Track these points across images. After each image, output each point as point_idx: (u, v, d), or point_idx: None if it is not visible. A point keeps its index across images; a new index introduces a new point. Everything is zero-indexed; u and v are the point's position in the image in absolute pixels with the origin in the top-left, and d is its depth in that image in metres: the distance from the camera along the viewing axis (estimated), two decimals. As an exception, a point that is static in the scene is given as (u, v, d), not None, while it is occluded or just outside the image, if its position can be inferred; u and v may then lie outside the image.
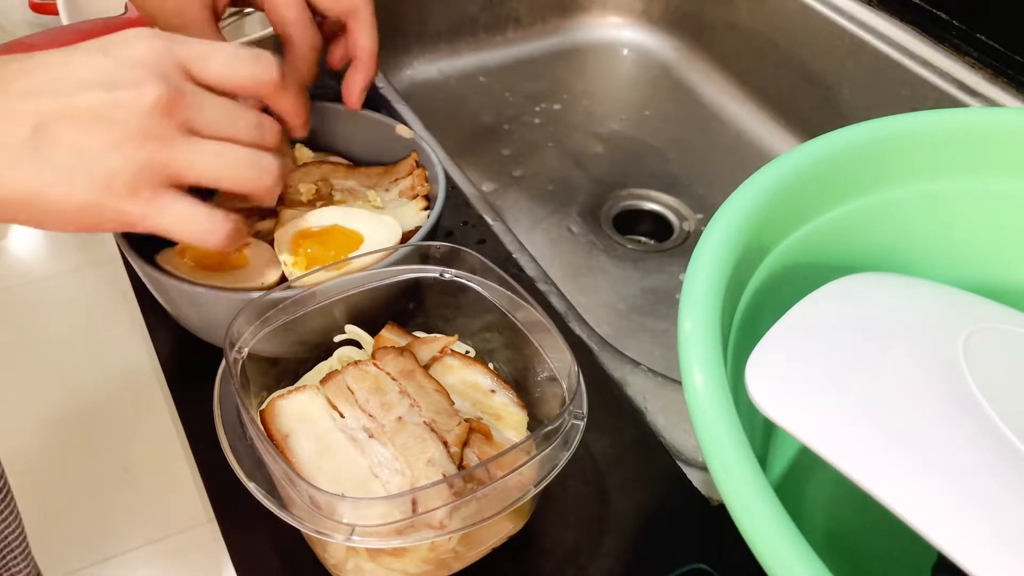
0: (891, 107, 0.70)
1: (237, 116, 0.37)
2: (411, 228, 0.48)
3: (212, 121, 0.36)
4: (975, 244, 0.41)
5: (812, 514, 0.40)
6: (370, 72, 0.50)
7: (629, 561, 0.41)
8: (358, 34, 0.49)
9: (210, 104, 0.36)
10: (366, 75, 0.50)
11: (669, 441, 0.46)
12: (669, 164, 0.81)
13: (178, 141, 0.35)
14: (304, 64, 0.47)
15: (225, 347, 0.37)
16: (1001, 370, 0.32)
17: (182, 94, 0.35)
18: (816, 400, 0.29)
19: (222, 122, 0.37)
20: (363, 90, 0.50)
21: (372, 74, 0.50)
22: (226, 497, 0.42)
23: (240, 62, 0.38)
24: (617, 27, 0.94)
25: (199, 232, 0.36)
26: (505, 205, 0.76)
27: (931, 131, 0.39)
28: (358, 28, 0.48)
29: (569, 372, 0.37)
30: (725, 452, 0.27)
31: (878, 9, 0.72)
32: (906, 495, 0.25)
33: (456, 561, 0.38)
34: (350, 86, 0.50)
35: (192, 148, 0.35)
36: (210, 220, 0.36)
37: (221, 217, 0.37)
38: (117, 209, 0.35)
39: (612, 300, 0.68)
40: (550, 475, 0.35)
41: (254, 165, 0.37)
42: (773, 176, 0.36)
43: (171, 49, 0.36)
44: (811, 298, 0.34)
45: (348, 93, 0.50)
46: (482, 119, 0.85)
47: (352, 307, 0.42)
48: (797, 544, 0.24)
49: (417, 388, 0.39)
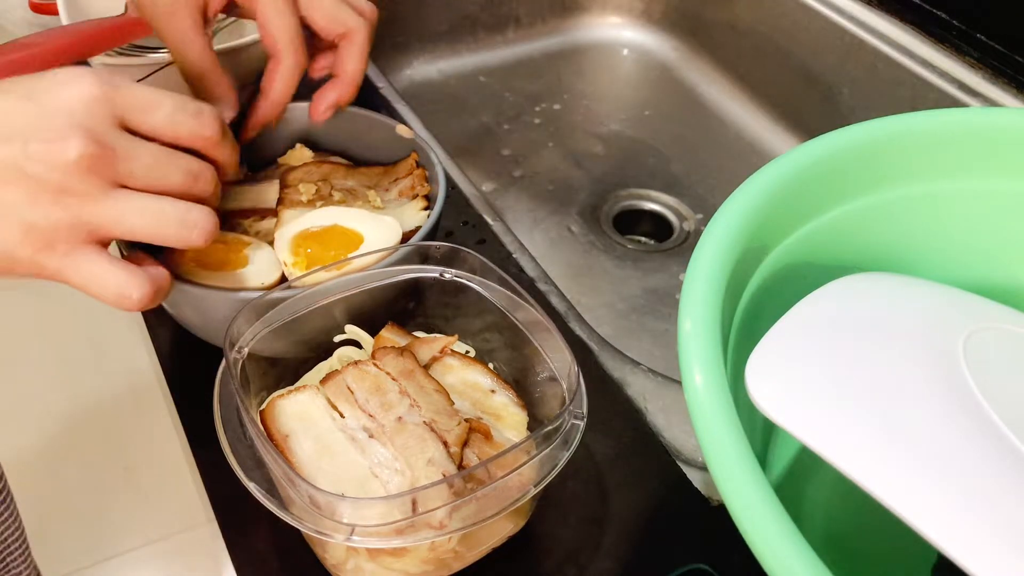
0: (891, 107, 0.70)
1: (169, 166, 0.36)
2: (411, 228, 0.48)
3: (142, 173, 0.35)
4: (975, 244, 0.41)
5: (812, 514, 0.40)
6: (347, 94, 0.49)
7: (629, 561, 0.41)
8: (347, 58, 0.47)
9: (141, 154, 0.35)
10: (342, 96, 0.49)
11: (669, 441, 0.46)
12: (669, 164, 0.81)
13: (101, 198, 0.33)
14: (285, 84, 0.46)
15: (225, 347, 0.37)
16: (1001, 370, 0.32)
17: (110, 149, 0.33)
18: (816, 400, 0.29)
19: (152, 174, 0.35)
20: (332, 108, 0.49)
21: (348, 98, 0.49)
22: (226, 497, 0.42)
23: (183, 117, 0.36)
24: (617, 27, 0.94)
25: (112, 294, 0.35)
26: (505, 205, 0.76)
27: (931, 131, 0.39)
28: (348, 52, 0.47)
29: (569, 372, 0.37)
30: (725, 452, 0.27)
31: (878, 9, 0.72)
32: (906, 495, 0.25)
33: (456, 561, 0.38)
34: (321, 99, 0.49)
35: (116, 205, 0.34)
36: (127, 282, 0.35)
37: (139, 279, 0.35)
38: (31, 261, 0.33)
39: (612, 300, 0.68)
40: (550, 475, 0.35)
41: (183, 222, 0.36)
42: (773, 176, 0.36)
43: (107, 97, 0.34)
44: (811, 298, 0.34)
45: (316, 104, 0.49)
46: (482, 119, 0.85)
47: (352, 307, 0.42)
48: (797, 544, 0.24)
49: (417, 388, 0.39)
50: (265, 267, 0.45)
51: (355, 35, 0.47)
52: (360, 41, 0.47)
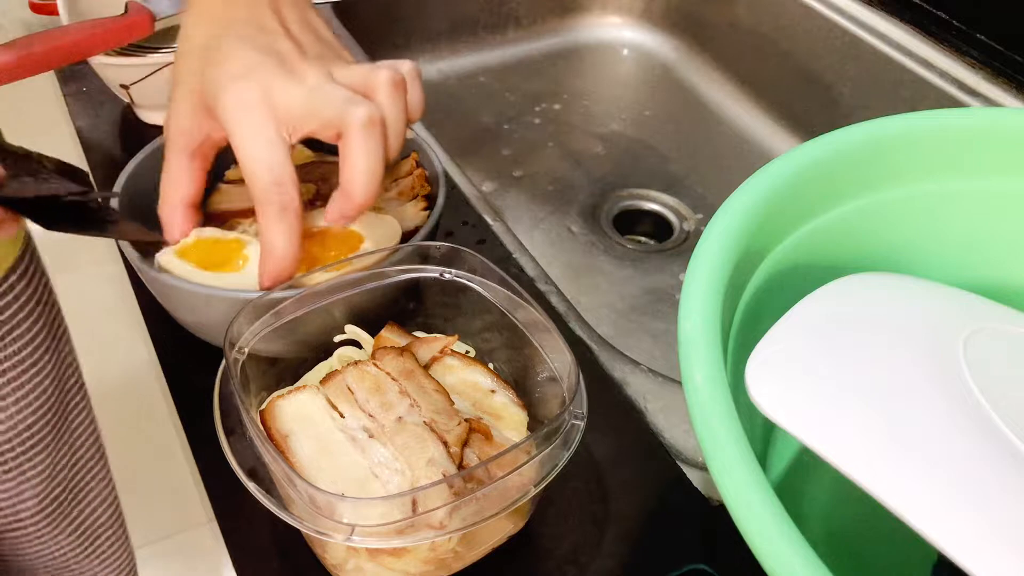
0: (891, 107, 0.70)
1: None
2: (411, 228, 0.48)
3: None
4: (975, 244, 0.41)
5: (812, 514, 0.40)
6: (347, 208, 0.40)
7: (629, 561, 0.41)
8: (343, 162, 0.39)
9: None
10: (342, 209, 0.40)
11: (669, 441, 0.46)
12: (669, 164, 0.81)
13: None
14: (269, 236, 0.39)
15: (225, 347, 0.37)
16: (1001, 370, 0.32)
17: None
18: (816, 400, 0.29)
19: None
20: (339, 219, 0.40)
21: (355, 211, 0.40)
22: (226, 497, 0.42)
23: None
24: (617, 27, 0.94)
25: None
26: (505, 205, 0.76)
27: (931, 131, 0.39)
28: (344, 155, 0.39)
29: (569, 372, 0.37)
30: (725, 452, 0.27)
31: (878, 9, 0.72)
32: (906, 495, 0.25)
33: (456, 561, 0.38)
34: (328, 210, 0.41)
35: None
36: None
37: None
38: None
39: (612, 300, 0.68)
40: (550, 475, 0.35)
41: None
42: (773, 176, 0.36)
43: None
44: (811, 298, 0.34)
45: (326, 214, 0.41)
46: (482, 119, 0.85)
47: (352, 307, 0.42)
48: (797, 544, 0.24)
49: (417, 388, 0.39)
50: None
51: (348, 133, 0.38)
52: (357, 141, 0.38)
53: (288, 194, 0.38)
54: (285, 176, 0.38)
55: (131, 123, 0.66)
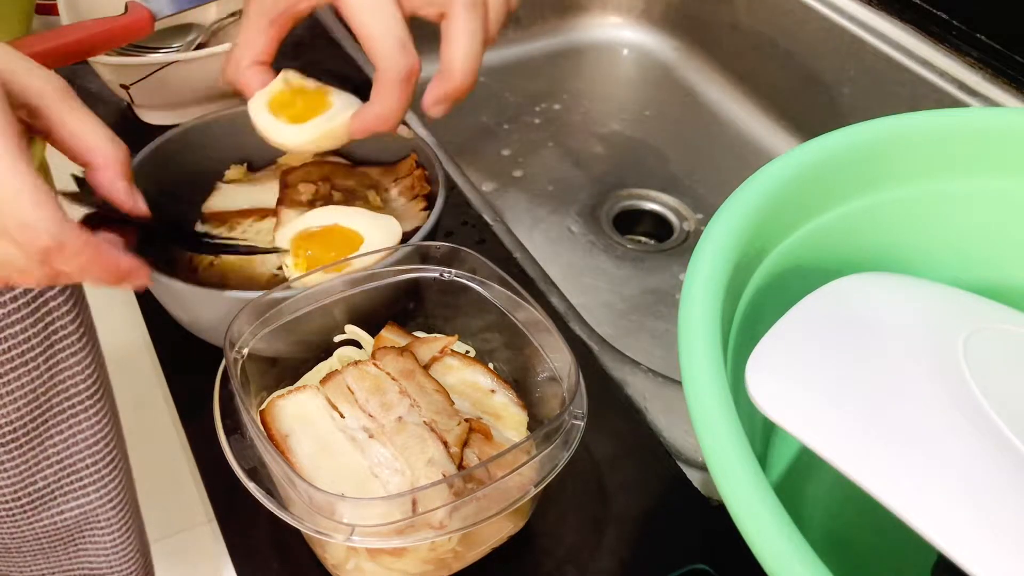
0: (891, 107, 0.70)
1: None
2: (411, 228, 0.48)
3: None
4: (975, 244, 0.41)
5: (812, 514, 0.40)
6: (452, 88, 0.40)
7: (629, 561, 0.41)
8: (445, 42, 0.40)
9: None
10: (447, 91, 0.40)
11: (669, 441, 0.46)
12: (669, 164, 0.81)
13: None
14: (387, 100, 0.40)
15: (225, 347, 0.37)
16: (1001, 370, 0.32)
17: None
18: (815, 400, 0.29)
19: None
20: (440, 104, 0.41)
21: (456, 92, 0.40)
22: (226, 497, 0.42)
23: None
24: (617, 27, 0.94)
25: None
26: (505, 205, 0.76)
27: (931, 131, 0.39)
28: (446, 34, 0.40)
29: (569, 372, 0.37)
30: (725, 452, 0.27)
31: (878, 9, 0.72)
32: (905, 495, 0.25)
33: (456, 561, 0.38)
34: (428, 93, 0.41)
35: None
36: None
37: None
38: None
39: (612, 300, 0.68)
40: (550, 475, 0.35)
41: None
42: (773, 176, 0.36)
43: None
44: (811, 298, 0.34)
45: (424, 99, 0.41)
46: (482, 119, 0.85)
47: (352, 307, 0.42)
48: (797, 544, 0.24)
49: (417, 388, 0.39)
50: (348, 107, 0.44)
51: (451, 9, 0.39)
52: (460, 19, 0.39)
53: (413, 55, 0.39)
54: (409, 41, 0.39)
55: (131, 123, 0.66)
